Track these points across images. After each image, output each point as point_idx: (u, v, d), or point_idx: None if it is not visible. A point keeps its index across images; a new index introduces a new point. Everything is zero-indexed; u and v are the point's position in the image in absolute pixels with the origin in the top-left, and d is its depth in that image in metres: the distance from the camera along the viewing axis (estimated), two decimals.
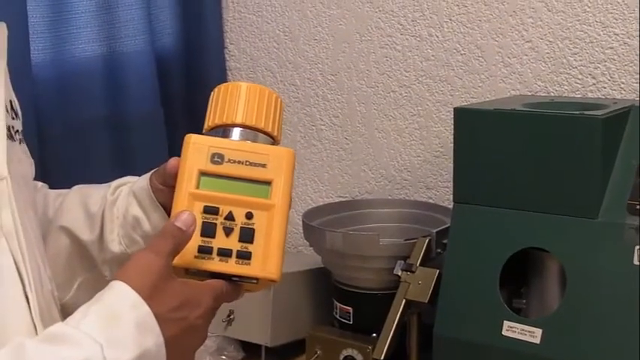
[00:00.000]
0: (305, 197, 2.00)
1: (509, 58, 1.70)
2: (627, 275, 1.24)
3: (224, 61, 2.08)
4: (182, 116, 1.98)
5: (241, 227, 0.95)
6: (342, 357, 1.56)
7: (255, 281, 0.95)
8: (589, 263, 1.27)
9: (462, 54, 1.75)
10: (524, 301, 1.39)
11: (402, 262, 1.48)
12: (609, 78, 1.61)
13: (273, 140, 1.03)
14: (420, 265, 1.47)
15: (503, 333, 1.31)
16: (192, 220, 0.92)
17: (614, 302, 1.24)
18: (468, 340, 1.35)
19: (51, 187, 1.23)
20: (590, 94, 1.62)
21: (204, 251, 0.94)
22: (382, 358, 1.44)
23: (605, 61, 1.61)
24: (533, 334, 1.29)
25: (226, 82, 1.14)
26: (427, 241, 1.49)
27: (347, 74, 1.91)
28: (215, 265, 0.94)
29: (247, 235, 0.94)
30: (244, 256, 0.94)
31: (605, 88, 1.61)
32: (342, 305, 1.63)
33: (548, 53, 1.66)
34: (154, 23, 1.92)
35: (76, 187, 1.21)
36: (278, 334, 1.66)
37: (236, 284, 0.95)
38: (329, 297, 1.68)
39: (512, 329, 1.31)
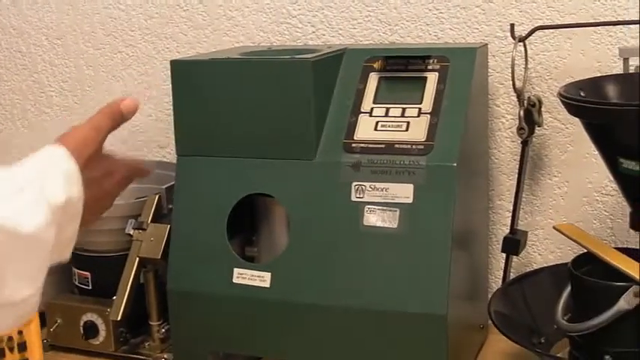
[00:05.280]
0: None
1: (231, 11, 1.71)
2: (347, 211, 1.27)
3: None
4: None
5: None
6: (82, 322, 1.53)
7: None
8: (310, 204, 1.30)
9: (184, 10, 1.74)
10: (255, 248, 1.41)
11: (134, 220, 1.47)
12: (327, 25, 1.64)
13: None
14: (152, 222, 1.46)
15: (233, 280, 1.33)
16: (135, 107, 1.07)
17: (337, 239, 1.28)
18: (201, 292, 1.35)
19: None
20: (310, 42, 1.65)
21: None
22: (119, 318, 1.43)
23: (323, 9, 1.64)
24: (262, 279, 1.31)
25: None
26: (157, 197, 1.48)
27: (73, 37, 1.86)
28: None
29: None
30: None
31: (324, 35, 1.65)
32: (80, 271, 1.59)
33: (268, 4, 1.68)
34: None
35: None
36: None
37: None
38: (68, 265, 1.64)
39: (242, 276, 1.33)
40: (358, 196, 1.28)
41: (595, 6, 1.47)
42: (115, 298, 1.47)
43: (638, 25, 1.41)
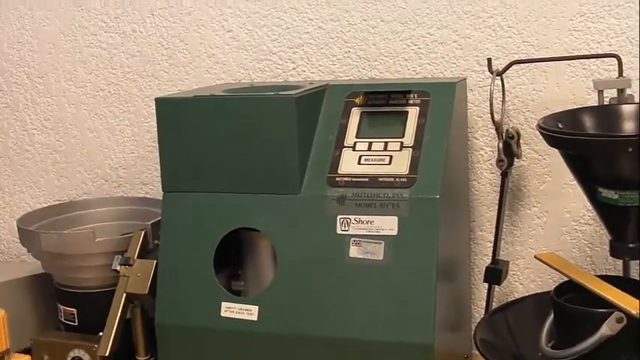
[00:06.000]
0: (22, 204, 1.95)
1: (212, 48, 1.73)
2: (332, 244, 1.29)
3: None
4: None
5: None
6: (69, 359, 1.53)
7: None
8: (296, 237, 1.32)
9: (166, 48, 1.77)
10: (242, 282, 1.43)
11: (120, 256, 1.48)
12: (307, 61, 1.67)
13: None
14: (139, 257, 1.47)
15: (222, 314, 1.34)
16: None
17: (323, 272, 1.30)
18: (189, 326, 1.36)
19: None
20: (291, 78, 1.68)
21: None
22: (107, 354, 1.44)
23: (303, 46, 1.67)
24: (250, 312, 1.33)
25: None
26: (143, 233, 1.49)
27: (54, 76, 1.88)
28: None
29: None
30: None
31: (304, 71, 1.67)
32: (65, 307, 1.60)
33: (248, 41, 1.70)
34: None
35: None
36: None
37: None
38: (53, 301, 1.64)
39: (231, 309, 1.34)
40: (343, 229, 1.30)
41: (569, 40, 1.50)
42: (102, 333, 1.48)
43: (610, 59, 1.45)
